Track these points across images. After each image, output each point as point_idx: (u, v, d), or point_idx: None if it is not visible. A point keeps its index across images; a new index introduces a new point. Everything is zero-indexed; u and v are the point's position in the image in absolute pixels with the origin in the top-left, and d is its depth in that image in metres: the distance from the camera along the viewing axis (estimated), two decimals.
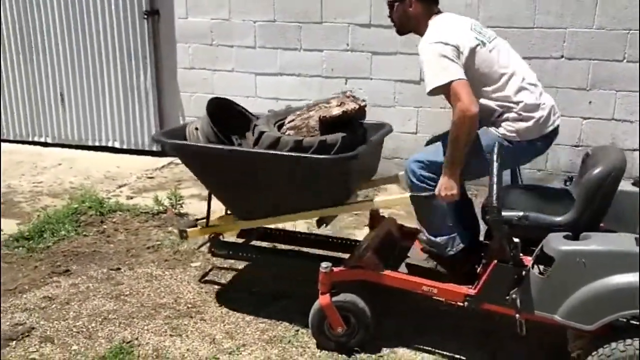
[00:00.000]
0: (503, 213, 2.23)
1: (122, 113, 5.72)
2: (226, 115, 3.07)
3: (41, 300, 3.10)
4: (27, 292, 3.19)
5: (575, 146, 4.60)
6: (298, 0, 4.95)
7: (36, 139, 6.11)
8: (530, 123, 2.52)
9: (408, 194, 2.63)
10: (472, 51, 2.49)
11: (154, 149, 5.65)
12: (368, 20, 4.81)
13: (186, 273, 3.39)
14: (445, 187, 2.47)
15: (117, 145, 5.80)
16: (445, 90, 2.42)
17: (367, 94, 4.97)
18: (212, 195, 3.02)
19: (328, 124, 2.70)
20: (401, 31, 2.77)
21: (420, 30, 2.64)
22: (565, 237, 2.24)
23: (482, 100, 2.51)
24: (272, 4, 5.02)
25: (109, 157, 5.69)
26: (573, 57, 4.45)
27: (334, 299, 2.62)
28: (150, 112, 5.62)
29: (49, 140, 6.06)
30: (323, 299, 2.62)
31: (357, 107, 2.75)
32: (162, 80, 5.57)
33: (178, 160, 5.53)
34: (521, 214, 2.36)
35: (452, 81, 2.38)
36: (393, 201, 2.91)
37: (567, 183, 2.72)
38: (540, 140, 2.58)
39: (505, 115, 2.53)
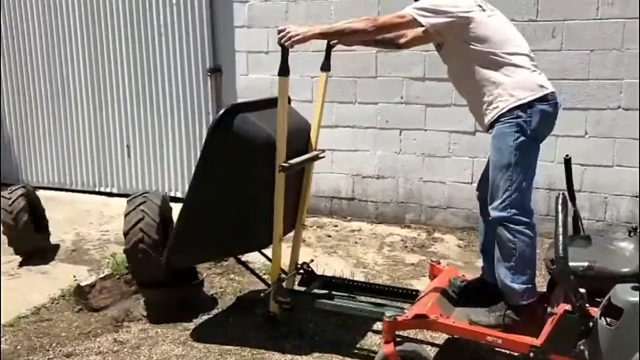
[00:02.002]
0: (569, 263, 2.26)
1: (185, 164, 5.99)
2: None
3: (113, 344, 3.25)
4: (99, 336, 3.34)
5: (635, 197, 4.54)
6: (354, 57, 5.15)
7: (102, 189, 6.42)
8: (525, 83, 2.61)
9: None
10: (469, 11, 2.61)
11: None
12: (422, 74, 4.96)
13: (249, 320, 3.48)
14: (302, 30, 2.68)
15: (179, 195, 6.04)
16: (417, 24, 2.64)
17: (421, 145, 5.09)
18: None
19: None
20: None
21: None
22: (634, 288, 2.24)
23: (484, 71, 2.63)
24: None
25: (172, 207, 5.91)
26: (630, 108, 4.46)
27: (398, 348, 2.65)
28: None
29: (115, 191, 6.35)
30: (387, 348, 2.65)
31: None
32: None
33: None
34: (586, 264, 2.38)
35: (415, 19, 2.60)
36: None
37: (632, 234, 2.72)
38: (540, 104, 2.62)
39: (504, 84, 2.62)
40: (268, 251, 3.28)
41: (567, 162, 2.91)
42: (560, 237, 2.20)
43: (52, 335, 3.36)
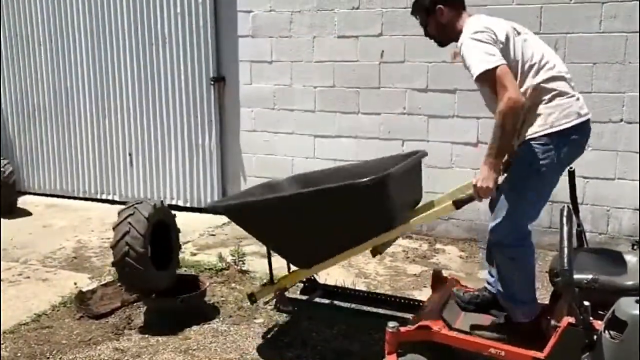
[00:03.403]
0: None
1: (187, 173, 6.00)
2: None
3: (113, 352, 3.23)
4: (100, 344, 3.33)
5: (637, 210, 4.54)
6: (357, 67, 5.18)
7: (104, 196, 6.43)
8: (562, 109, 2.56)
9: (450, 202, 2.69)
10: (507, 38, 2.58)
11: None
12: (425, 85, 4.98)
13: (250, 329, 3.47)
14: (484, 177, 2.51)
15: (180, 203, 6.05)
16: (490, 76, 2.47)
17: None
18: (272, 252, 3.14)
19: None
20: (443, 42, 2.87)
21: (458, 35, 2.72)
22: (638, 301, 2.23)
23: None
24: (332, 71, 5.27)
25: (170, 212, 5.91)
26: (632, 121, 4.47)
27: (400, 359, 2.64)
28: (214, 172, 5.88)
29: (117, 198, 6.36)
30: (390, 359, 2.65)
31: None
32: (226, 142, 5.84)
33: None
34: (590, 277, 2.38)
35: (496, 67, 2.45)
36: (436, 213, 2.88)
37: (635, 247, 2.72)
38: (575, 133, 2.59)
39: (538, 109, 2.58)
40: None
41: (571, 174, 2.91)
42: (565, 250, 2.20)
43: (52, 343, 3.35)
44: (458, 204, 2.71)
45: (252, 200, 2.98)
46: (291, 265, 3.23)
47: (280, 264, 3.25)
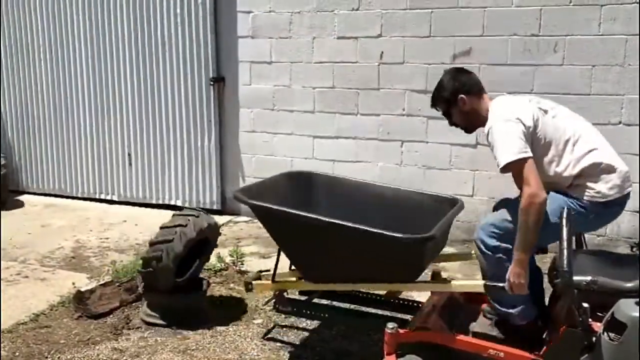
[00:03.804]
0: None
1: (186, 173, 5.99)
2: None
3: (112, 352, 3.23)
4: (99, 344, 3.33)
5: (636, 212, 4.55)
6: (357, 68, 5.18)
7: (103, 196, 6.42)
8: (601, 184, 2.55)
9: (481, 283, 2.65)
10: (536, 121, 2.56)
11: (215, 207, 5.87)
12: (424, 86, 4.98)
13: (249, 330, 3.47)
14: (516, 273, 2.45)
15: (179, 203, 6.04)
16: (514, 168, 2.46)
17: (422, 157, 5.10)
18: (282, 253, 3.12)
19: None
20: (469, 129, 2.85)
21: (484, 120, 2.72)
22: (637, 303, 2.23)
23: (554, 168, 2.57)
24: (331, 72, 5.27)
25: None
26: (631, 123, 4.48)
27: None
28: (213, 172, 5.88)
29: (115, 198, 6.35)
30: None
31: None
32: (225, 142, 5.84)
33: (237, 219, 5.73)
34: (589, 278, 2.38)
35: (519, 159, 2.43)
36: (467, 286, 2.88)
37: (634, 249, 2.72)
38: (613, 205, 2.59)
39: (577, 180, 2.57)
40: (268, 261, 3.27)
41: None
42: (565, 252, 2.20)
43: (50, 342, 3.34)
44: (488, 289, 2.63)
45: (286, 211, 2.86)
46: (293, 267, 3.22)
47: (282, 264, 3.24)
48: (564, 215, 2.26)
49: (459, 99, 2.75)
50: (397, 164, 5.20)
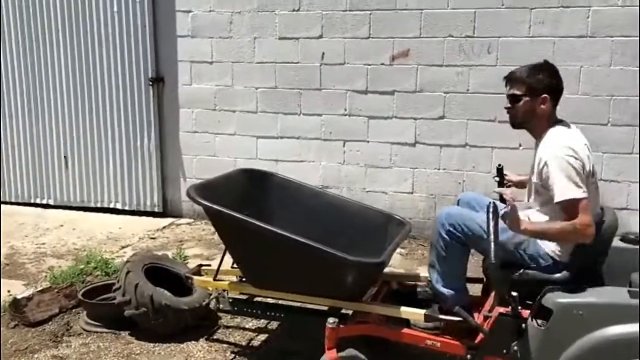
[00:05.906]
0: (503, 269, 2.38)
1: (125, 175, 5.87)
2: None
3: None
4: (37, 352, 3.24)
5: (636, 210, 4.65)
6: (298, 69, 5.23)
7: (38, 200, 6.21)
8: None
9: (422, 312, 2.69)
10: (588, 176, 2.55)
11: (155, 210, 5.79)
12: (365, 87, 5.08)
13: (196, 331, 3.45)
14: (514, 221, 2.45)
15: (119, 206, 5.92)
16: (573, 205, 2.45)
17: (364, 156, 5.20)
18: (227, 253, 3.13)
19: None
20: (518, 124, 2.74)
21: (537, 131, 2.67)
22: (562, 290, 2.38)
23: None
24: (273, 72, 5.29)
25: (111, 219, 5.79)
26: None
27: (340, 354, 2.70)
28: (153, 174, 5.78)
29: (51, 202, 6.15)
30: (330, 355, 2.69)
31: None
32: (165, 144, 5.76)
33: (179, 221, 5.67)
34: (521, 270, 2.52)
35: (582, 199, 2.44)
36: (410, 314, 2.78)
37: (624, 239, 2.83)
38: None
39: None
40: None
41: (499, 171, 3.07)
42: (492, 244, 2.31)
43: None
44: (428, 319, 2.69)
45: (239, 218, 2.82)
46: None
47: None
48: (491, 209, 2.36)
49: (542, 97, 2.62)
50: (340, 162, 5.28)
